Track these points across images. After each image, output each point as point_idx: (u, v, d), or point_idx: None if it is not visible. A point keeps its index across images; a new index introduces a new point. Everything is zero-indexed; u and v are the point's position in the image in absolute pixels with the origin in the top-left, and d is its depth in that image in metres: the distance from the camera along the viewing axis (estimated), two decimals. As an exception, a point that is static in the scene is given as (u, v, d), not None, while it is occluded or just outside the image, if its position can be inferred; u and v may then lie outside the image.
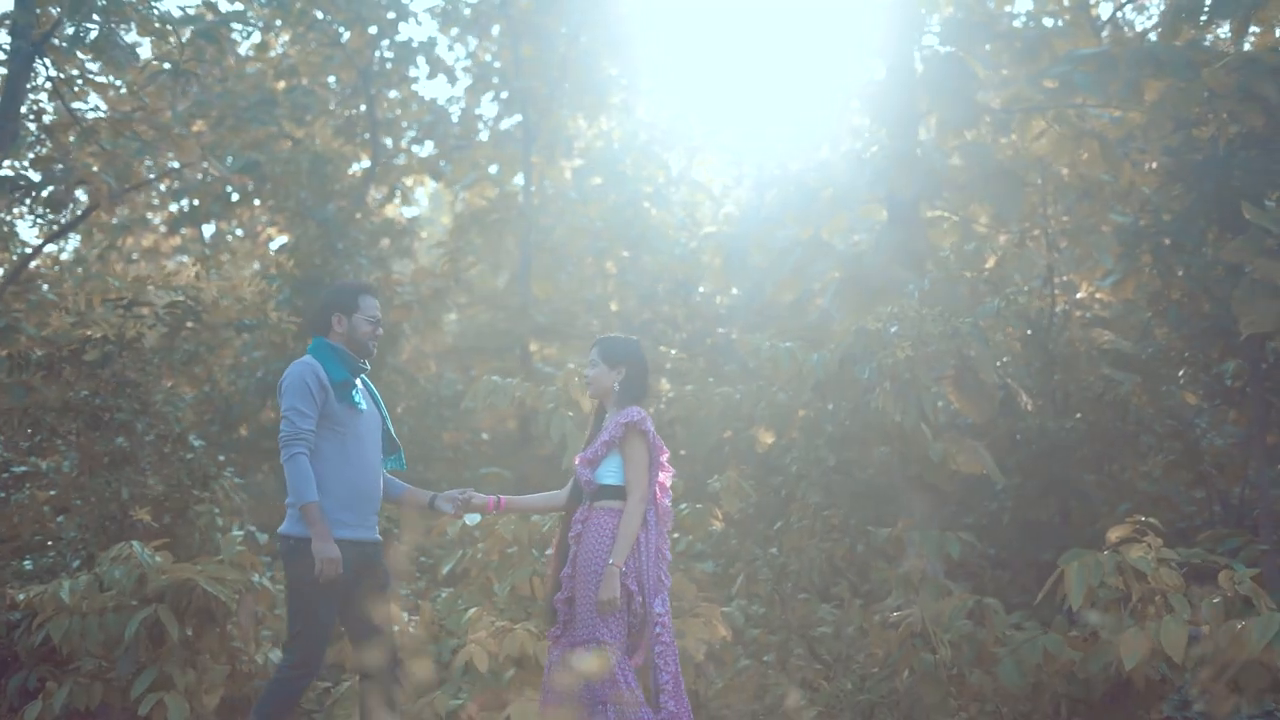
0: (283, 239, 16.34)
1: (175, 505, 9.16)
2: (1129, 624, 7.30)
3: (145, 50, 10.85)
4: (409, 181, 19.72)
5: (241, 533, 8.32)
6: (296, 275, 13.71)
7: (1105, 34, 12.17)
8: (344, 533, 6.01)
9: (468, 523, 8.51)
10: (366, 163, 17.95)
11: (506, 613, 8.04)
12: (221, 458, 9.60)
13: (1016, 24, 11.26)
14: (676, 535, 8.65)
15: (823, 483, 8.56)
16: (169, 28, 9.23)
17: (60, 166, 9.24)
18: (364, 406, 6.19)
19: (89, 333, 9.37)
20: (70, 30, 8.52)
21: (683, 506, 8.37)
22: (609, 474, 6.22)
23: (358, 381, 6.25)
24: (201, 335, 10.57)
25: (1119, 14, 12.86)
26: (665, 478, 6.38)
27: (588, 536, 6.18)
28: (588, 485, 6.22)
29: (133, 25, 9.09)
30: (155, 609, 7.21)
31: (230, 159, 15.96)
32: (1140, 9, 16.52)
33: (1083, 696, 7.80)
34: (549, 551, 7.88)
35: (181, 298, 9.70)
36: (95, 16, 8.84)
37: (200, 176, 15.24)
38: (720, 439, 9.84)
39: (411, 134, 18.26)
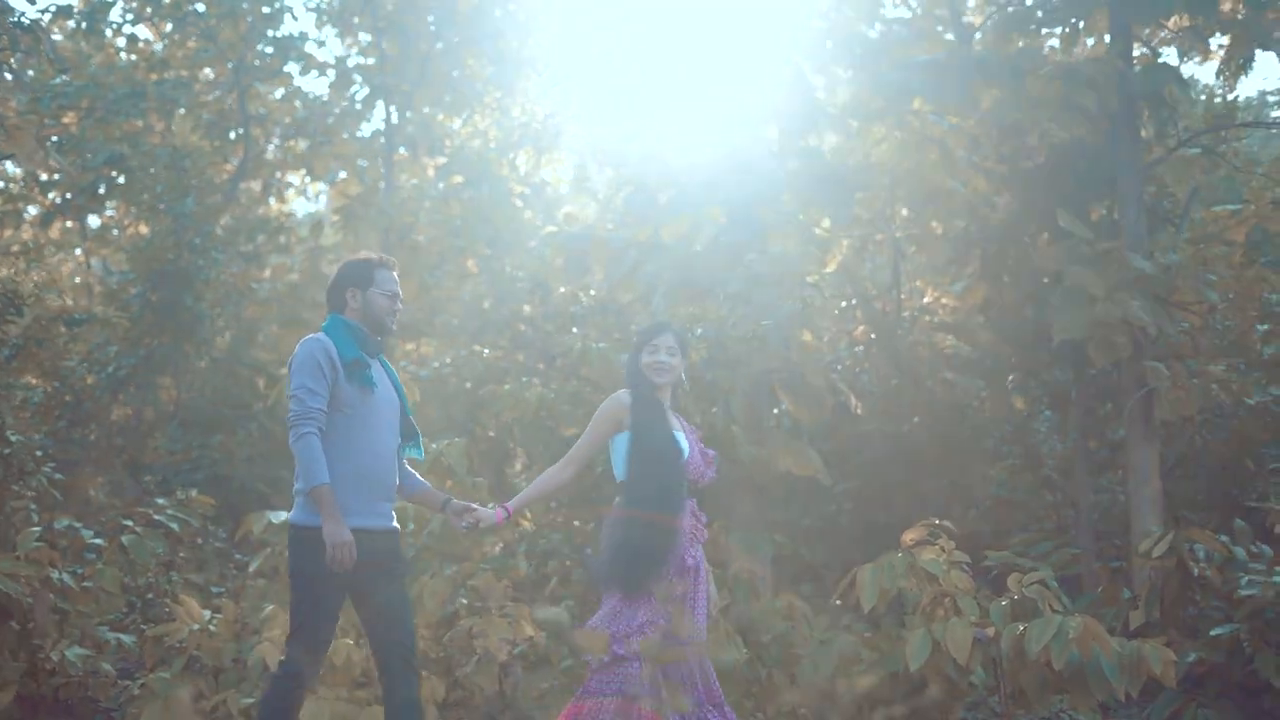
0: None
1: (-12, 500, 8.99)
2: (918, 626, 7.38)
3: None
4: (296, 178, 19.54)
5: (40, 529, 8.16)
6: (150, 269, 13.50)
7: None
8: (349, 520, 5.59)
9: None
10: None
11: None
12: (40, 453, 9.38)
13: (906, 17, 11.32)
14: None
15: (629, 482, 8.55)
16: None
17: None
18: (377, 388, 5.79)
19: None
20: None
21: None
22: None
23: (373, 361, 5.87)
24: (30, 330, 10.34)
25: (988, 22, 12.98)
26: None
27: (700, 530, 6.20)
28: (710, 483, 6.25)
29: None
30: (-60, 605, 7.14)
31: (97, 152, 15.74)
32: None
33: (883, 698, 7.87)
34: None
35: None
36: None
37: (48, 172, 15.01)
38: (557, 438, 9.81)
39: (280, 130, 18.09)
